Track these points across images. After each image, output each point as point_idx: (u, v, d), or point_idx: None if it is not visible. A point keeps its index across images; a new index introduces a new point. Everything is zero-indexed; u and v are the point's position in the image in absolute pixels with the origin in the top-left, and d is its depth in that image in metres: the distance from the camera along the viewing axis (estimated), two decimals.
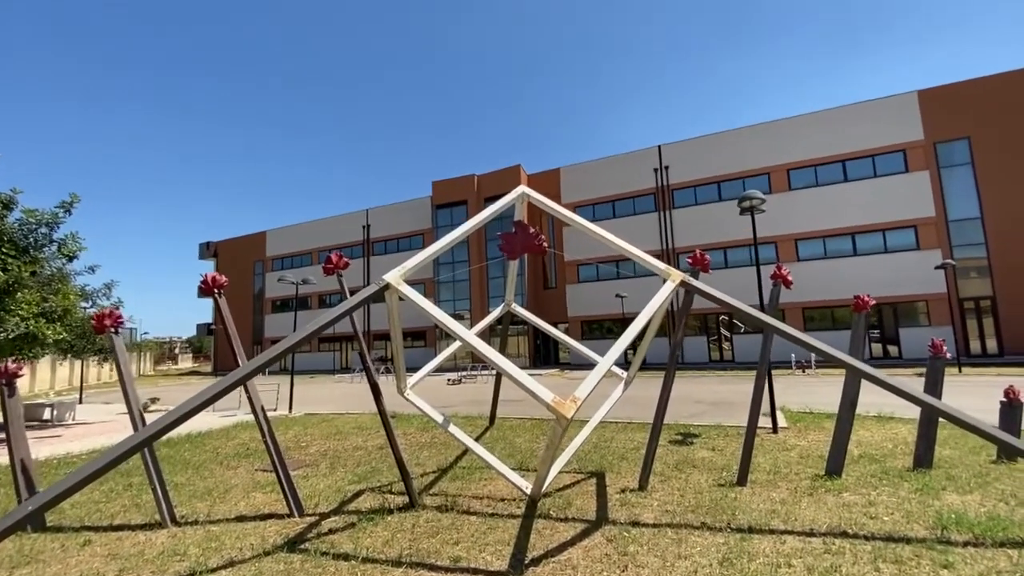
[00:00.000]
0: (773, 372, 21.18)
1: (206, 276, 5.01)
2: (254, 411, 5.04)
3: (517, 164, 33.45)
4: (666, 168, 29.65)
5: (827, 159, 25.45)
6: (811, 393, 13.63)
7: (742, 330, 26.81)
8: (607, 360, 4.01)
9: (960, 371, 17.37)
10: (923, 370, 17.69)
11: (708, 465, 6.38)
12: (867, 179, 24.61)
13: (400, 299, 4.60)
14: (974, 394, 12.24)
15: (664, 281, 4.86)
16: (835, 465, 5.79)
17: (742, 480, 5.54)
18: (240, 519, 4.93)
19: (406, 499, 5.17)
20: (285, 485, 4.98)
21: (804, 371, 20.28)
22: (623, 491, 5.39)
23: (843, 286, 24.02)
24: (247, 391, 5.01)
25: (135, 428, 4.77)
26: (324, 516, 4.93)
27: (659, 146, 30.05)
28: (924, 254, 22.98)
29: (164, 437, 9.43)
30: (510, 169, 33.32)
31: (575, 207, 30.93)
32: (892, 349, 23.90)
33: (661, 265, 4.98)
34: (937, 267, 19.14)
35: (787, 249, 25.74)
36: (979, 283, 22.39)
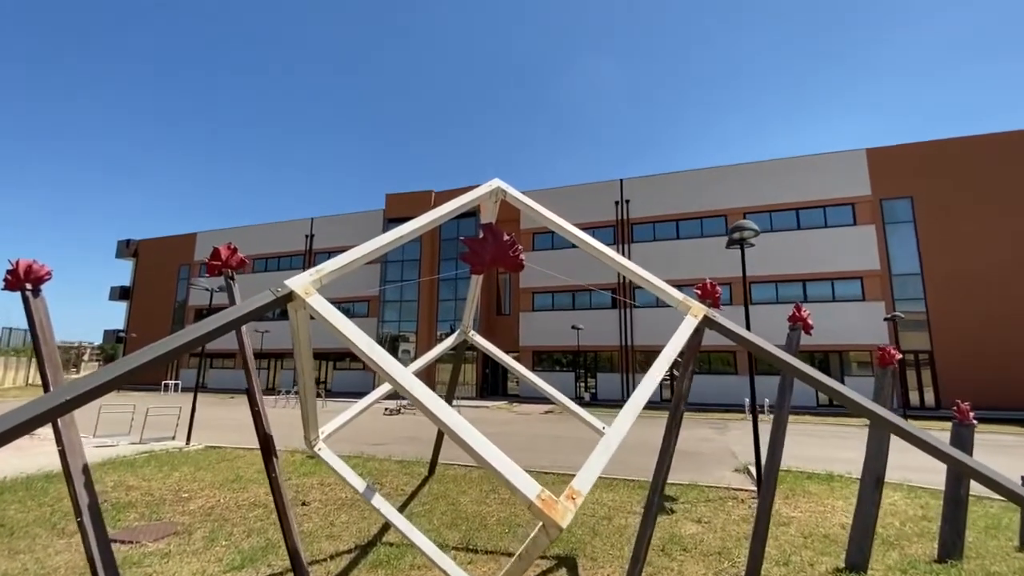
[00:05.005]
0: (724, 416, 20.95)
1: (16, 264, 3.30)
2: (64, 464, 3.26)
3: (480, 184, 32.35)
4: (627, 202, 29.45)
5: (782, 206, 25.97)
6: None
7: None
8: (616, 432, 2.67)
9: None
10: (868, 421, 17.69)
11: (701, 547, 5.12)
12: (819, 228, 25.24)
13: (312, 317, 3.11)
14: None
15: (684, 316, 3.63)
16: (858, 557, 4.68)
17: None
18: None
19: None
20: None
21: None
22: None
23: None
24: (57, 431, 3.24)
25: None
26: None
27: (621, 180, 29.91)
28: (869, 305, 23.56)
29: None
30: (472, 188, 32.17)
31: (535, 233, 30.09)
32: None
33: (679, 295, 3.79)
34: (885, 319, 19.44)
35: (740, 291, 25.80)
36: (918, 336, 23.10)
